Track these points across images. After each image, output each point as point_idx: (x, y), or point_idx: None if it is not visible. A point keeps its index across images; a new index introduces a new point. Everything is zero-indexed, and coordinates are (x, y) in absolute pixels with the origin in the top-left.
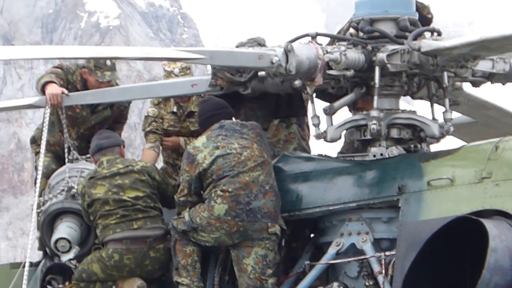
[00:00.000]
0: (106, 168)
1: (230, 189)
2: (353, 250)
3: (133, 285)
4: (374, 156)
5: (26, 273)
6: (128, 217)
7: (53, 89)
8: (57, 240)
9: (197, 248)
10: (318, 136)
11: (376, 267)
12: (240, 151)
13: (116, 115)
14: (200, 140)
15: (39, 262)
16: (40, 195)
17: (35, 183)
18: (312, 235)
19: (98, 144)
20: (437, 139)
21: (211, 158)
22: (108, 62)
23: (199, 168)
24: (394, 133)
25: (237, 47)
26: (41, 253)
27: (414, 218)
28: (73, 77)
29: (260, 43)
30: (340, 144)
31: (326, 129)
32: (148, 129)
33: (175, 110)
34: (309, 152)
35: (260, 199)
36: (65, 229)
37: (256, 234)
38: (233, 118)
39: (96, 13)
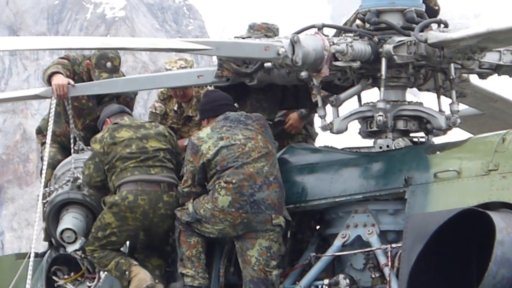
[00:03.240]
0: (129, 121)
1: (234, 181)
2: (359, 242)
3: (143, 284)
4: (381, 147)
5: (31, 263)
6: (146, 162)
7: (60, 79)
8: (62, 231)
9: (202, 239)
10: (324, 128)
11: (382, 259)
12: (245, 142)
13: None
14: (205, 131)
15: (44, 253)
16: (45, 186)
17: (41, 173)
18: (318, 227)
19: (120, 107)
20: (444, 131)
21: (215, 149)
22: (109, 65)
23: (203, 159)
24: (401, 124)
25: (249, 26)
26: (46, 244)
27: (421, 210)
28: (79, 68)
29: (270, 29)
30: (345, 135)
31: (332, 120)
32: None
33: (175, 108)
34: None
35: (264, 191)
36: (71, 220)
37: (260, 226)
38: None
39: (102, 4)
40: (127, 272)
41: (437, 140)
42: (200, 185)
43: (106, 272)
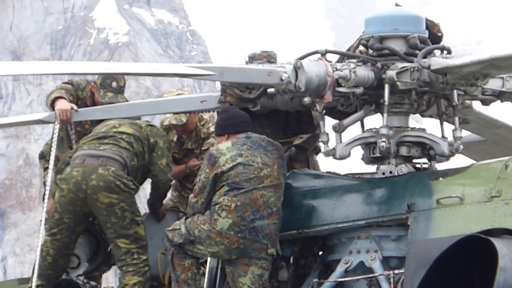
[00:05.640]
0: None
1: (238, 203)
2: (362, 268)
3: None
4: (383, 173)
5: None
6: (102, 140)
7: (63, 104)
8: None
9: (195, 260)
10: (327, 154)
11: (384, 285)
12: (262, 166)
13: None
14: (225, 144)
15: None
16: None
17: (43, 199)
18: (320, 253)
19: None
20: (447, 157)
21: (232, 163)
22: (114, 84)
23: (217, 170)
24: (404, 151)
25: (249, 57)
26: None
27: (423, 237)
28: (83, 93)
29: (271, 56)
30: (348, 161)
31: (335, 146)
32: None
33: (175, 139)
34: None
35: (264, 219)
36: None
37: (255, 253)
38: None
39: (105, 29)
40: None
41: (440, 166)
42: (207, 198)
43: None
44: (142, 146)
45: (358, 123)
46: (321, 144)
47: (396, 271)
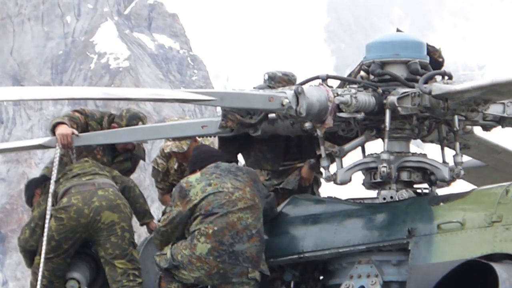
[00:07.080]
0: None
1: (216, 228)
2: None
3: None
4: (384, 198)
5: None
6: (77, 176)
7: (63, 129)
8: (66, 280)
9: (182, 285)
10: (328, 179)
11: None
12: (232, 190)
13: (134, 167)
14: (194, 176)
15: None
16: None
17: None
18: (321, 277)
19: None
20: (448, 183)
21: (203, 195)
22: (140, 125)
23: (189, 205)
24: (404, 176)
25: (269, 76)
26: None
27: (424, 262)
28: (96, 123)
29: (290, 80)
30: (349, 186)
31: (336, 171)
32: (160, 186)
33: (175, 167)
34: None
35: (245, 243)
36: (75, 269)
37: (236, 278)
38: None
39: (106, 54)
40: None
41: (440, 191)
42: (177, 228)
43: None
44: (104, 171)
45: (359, 148)
46: (322, 170)
47: None
